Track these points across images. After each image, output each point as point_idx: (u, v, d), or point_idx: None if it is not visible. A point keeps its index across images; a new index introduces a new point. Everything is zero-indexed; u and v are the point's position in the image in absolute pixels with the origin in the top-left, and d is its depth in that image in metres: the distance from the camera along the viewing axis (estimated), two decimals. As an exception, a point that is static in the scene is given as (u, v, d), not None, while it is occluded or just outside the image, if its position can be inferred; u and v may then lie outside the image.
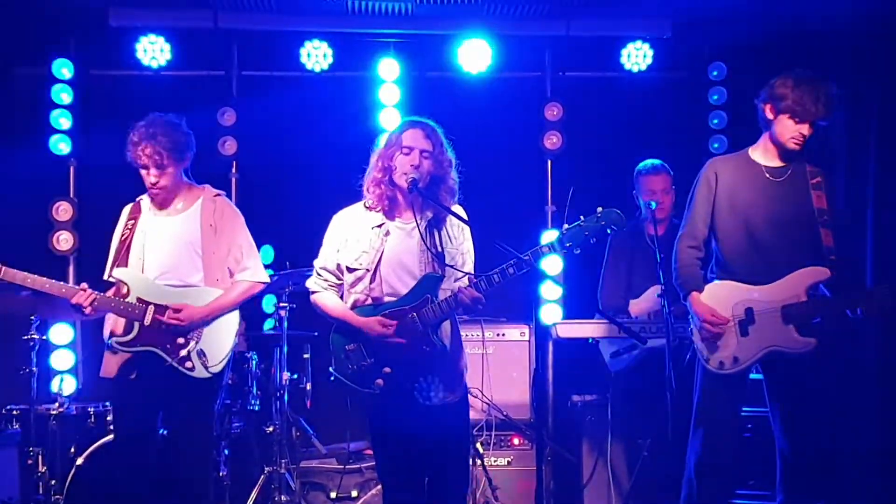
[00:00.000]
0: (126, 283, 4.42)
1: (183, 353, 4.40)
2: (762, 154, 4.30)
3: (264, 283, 4.63)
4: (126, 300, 4.40)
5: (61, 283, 4.41)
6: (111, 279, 4.50)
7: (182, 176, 4.58)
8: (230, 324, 4.52)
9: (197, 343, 4.42)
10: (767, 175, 4.25)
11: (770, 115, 4.21)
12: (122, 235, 4.53)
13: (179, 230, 4.51)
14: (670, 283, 4.37)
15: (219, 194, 4.66)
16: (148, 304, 4.40)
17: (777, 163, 4.27)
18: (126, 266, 4.48)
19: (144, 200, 4.61)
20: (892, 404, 5.20)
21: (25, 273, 4.40)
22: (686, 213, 4.42)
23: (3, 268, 4.37)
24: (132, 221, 4.54)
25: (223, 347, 4.48)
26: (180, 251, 4.49)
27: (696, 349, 4.31)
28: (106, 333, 4.97)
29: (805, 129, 4.13)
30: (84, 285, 4.41)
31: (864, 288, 4.15)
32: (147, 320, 4.37)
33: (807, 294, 4.11)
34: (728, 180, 4.28)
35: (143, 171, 4.47)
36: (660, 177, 5.41)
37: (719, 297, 4.26)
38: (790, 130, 4.16)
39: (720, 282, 4.29)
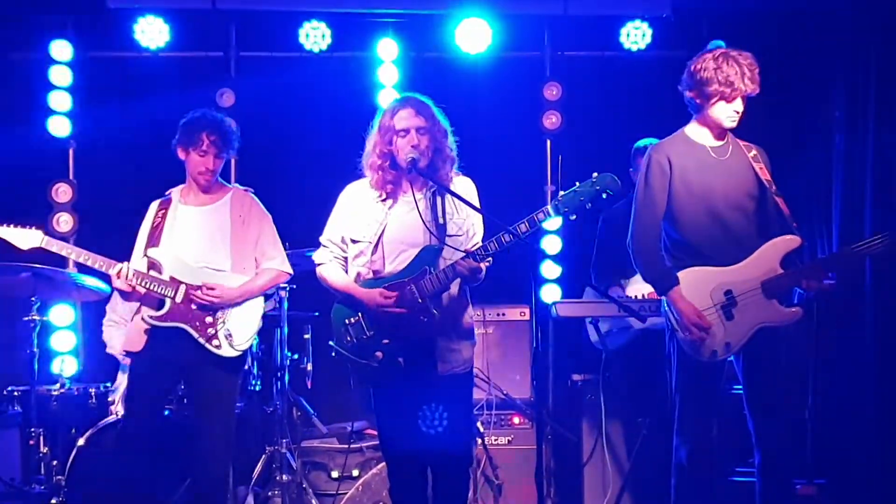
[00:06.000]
0: (159, 262, 4.53)
1: (211, 331, 4.51)
2: (699, 134, 4.23)
3: (290, 273, 4.76)
4: (160, 277, 4.51)
5: (98, 255, 4.50)
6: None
7: None
8: (256, 307, 4.65)
9: (224, 324, 4.53)
10: (713, 154, 4.19)
11: (699, 101, 4.15)
12: (154, 223, 4.64)
13: (210, 220, 4.65)
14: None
15: (247, 191, 4.82)
16: (180, 282, 4.50)
17: (715, 142, 4.22)
18: None
19: (175, 193, 4.72)
20: (887, 385, 5.21)
21: (63, 243, 4.64)
22: (637, 202, 4.24)
23: (45, 237, 4.54)
24: (162, 212, 4.66)
25: (249, 329, 4.61)
26: (211, 239, 4.62)
27: (681, 344, 4.14)
28: (109, 315, 5.37)
29: (738, 106, 4.11)
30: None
31: (833, 252, 4.14)
32: (179, 297, 4.48)
33: (781, 266, 4.07)
34: (679, 163, 4.18)
35: (197, 156, 4.58)
36: None
37: (694, 285, 4.11)
38: (725, 111, 4.11)
39: (691, 269, 4.14)
